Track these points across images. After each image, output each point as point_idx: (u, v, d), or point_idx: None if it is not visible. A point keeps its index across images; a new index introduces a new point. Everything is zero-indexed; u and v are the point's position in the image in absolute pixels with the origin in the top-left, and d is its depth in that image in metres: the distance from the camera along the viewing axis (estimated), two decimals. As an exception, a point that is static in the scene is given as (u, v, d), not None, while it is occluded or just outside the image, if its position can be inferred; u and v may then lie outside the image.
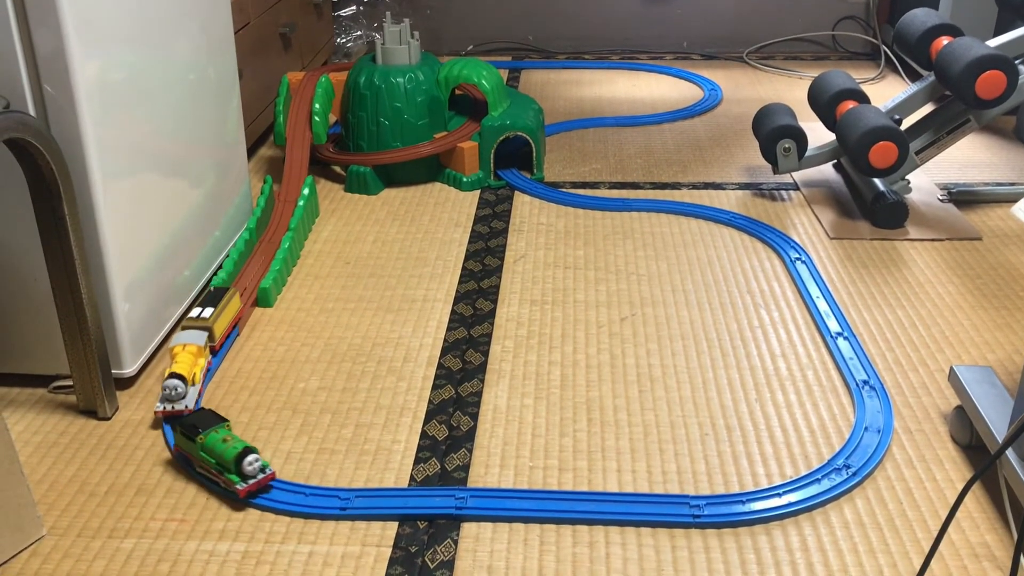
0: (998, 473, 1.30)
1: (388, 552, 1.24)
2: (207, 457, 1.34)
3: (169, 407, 1.47)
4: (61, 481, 1.37)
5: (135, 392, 1.57)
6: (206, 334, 1.60)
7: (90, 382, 1.47)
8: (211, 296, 1.67)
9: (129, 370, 1.56)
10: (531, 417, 1.51)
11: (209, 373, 1.61)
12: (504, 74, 3.34)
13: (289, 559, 1.23)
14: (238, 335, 1.73)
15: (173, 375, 1.48)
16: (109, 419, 1.50)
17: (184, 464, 1.39)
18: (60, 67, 1.36)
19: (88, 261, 1.45)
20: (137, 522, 1.29)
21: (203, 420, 1.37)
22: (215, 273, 1.87)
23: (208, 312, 1.60)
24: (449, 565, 1.22)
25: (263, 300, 1.82)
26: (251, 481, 1.31)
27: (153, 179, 1.63)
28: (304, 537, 1.27)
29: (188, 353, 1.54)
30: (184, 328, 1.60)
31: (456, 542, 1.26)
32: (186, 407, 1.47)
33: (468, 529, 1.28)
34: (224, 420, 1.37)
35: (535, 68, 3.43)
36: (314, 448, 1.44)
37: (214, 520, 1.30)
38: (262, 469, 1.33)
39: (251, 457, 1.32)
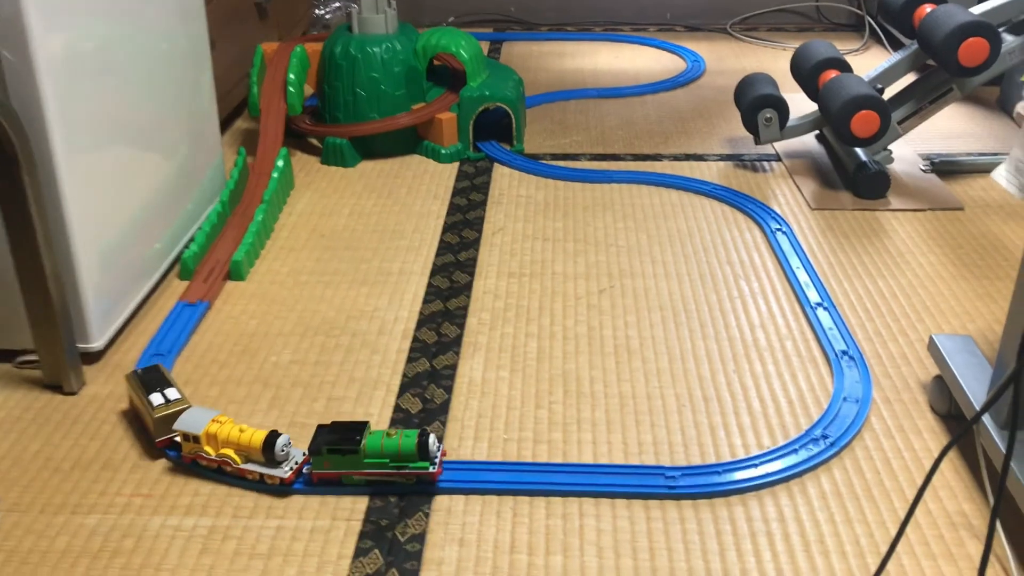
0: (975, 441, 1.29)
1: (358, 526, 1.22)
2: (377, 460, 1.25)
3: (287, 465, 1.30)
4: (25, 457, 1.34)
5: (103, 367, 1.54)
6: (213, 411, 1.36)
7: (55, 356, 1.44)
8: (148, 377, 1.41)
9: (96, 344, 1.53)
10: (506, 389, 1.49)
11: (176, 348, 1.58)
12: (485, 46, 3.30)
13: (257, 534, 1.21)
14: (209, 308, 1.70)
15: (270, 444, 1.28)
16: (76, 394, 1.47)
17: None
18: (17, 32, 1.32)
19: (52, 233, 1.41)
20: (102, 498, 1.26)
21: (342, 430, 1.27)
22: (187, 246, 1.84)
23: (173, 394, 1.37)
24: (420, 538, 1.20)
25: (235, 273, 1.79)
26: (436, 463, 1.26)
27: (121, 150, 1.60)
28: (272, 511, 1.25)
29: (226, 424, 1.31)
30: (188, 412, 1.34)
31: (428, 515, 1.24)
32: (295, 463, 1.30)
33: (440, 502, 1.26)
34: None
35: (517, 40, 3.38)
36: (285, 422, 1.41)
37: (181, 495, 1.27)
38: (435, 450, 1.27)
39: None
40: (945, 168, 2.25)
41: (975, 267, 1.83)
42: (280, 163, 2.09)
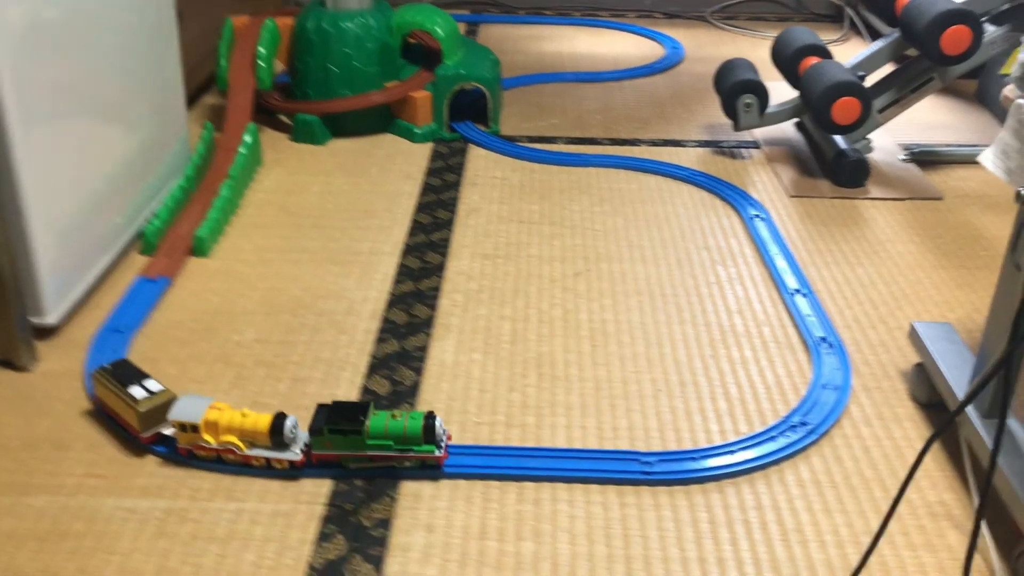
0: (958, 432, 1.26)
1: (321, 510, 1.17)
2: (381, 442, 1.20)
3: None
4: (-29, 434, 1.28)
5: (57, 342, 1.48)
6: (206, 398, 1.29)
7: (6, 330, 1.38)
8: (120, 371, 1.31)
9: (51, 319, 1.47)
10: (479, 372, 1.44)
11: (135, 324, 1.52)
12: (462, 28, 3.24)
13: (215, 517, 1.16)
14: (171, 284, 1.64)
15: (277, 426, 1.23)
16: (28, 370, 1.41)
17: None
18: (-31, -11, 1.25)
19: (3, 202, 1.34)
20: (51, 478, 1.20)
21: (345, 409, 1.21)
22: (149, 220, 1.77)
23: (155, 386, 1.28)
24: (386, 524, 1.15)
25: (198, 249, 1.73)
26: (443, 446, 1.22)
27: (81, 121, 1.53)
28: (232, 494, 1.19)
29: (226, 410, 1.24)
30: (181, 400, 1.27)
31: (394, 499, 1.19)
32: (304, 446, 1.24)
33: (407, 486, 1.21)
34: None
35: (494, 23, 3.33)
36: (247, 402, 1.36)
37: (136, 476, 1.22)
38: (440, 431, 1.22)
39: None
40: (924, 158, 2.23)
41: (954, 257, 1.81)
42: (248, 138, 2.03)
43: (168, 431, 1.25)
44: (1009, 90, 1.22)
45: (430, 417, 1.20)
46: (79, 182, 1.54)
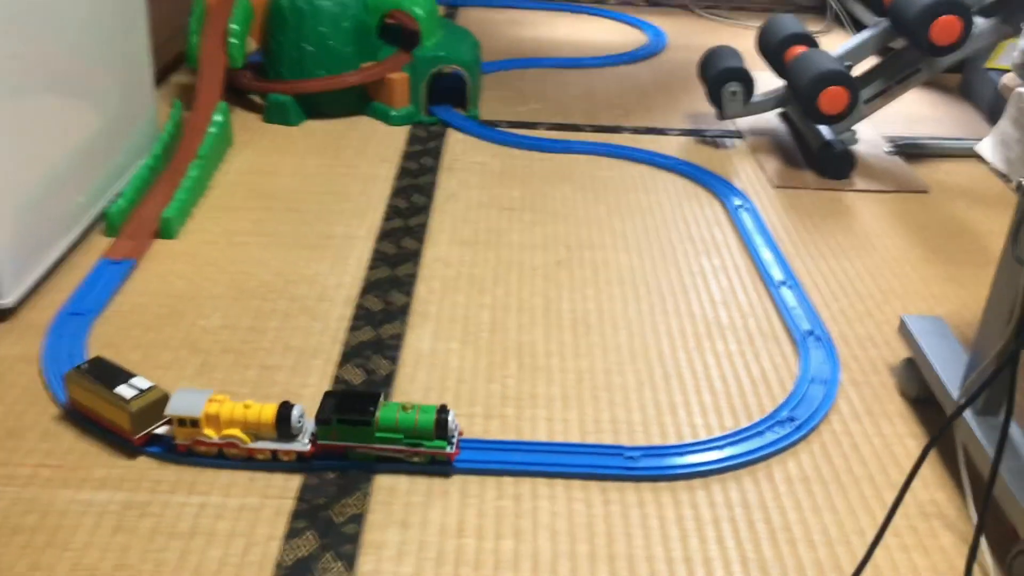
0: (952, 431, 1.22)
1: (291, 504, 1.11)
2: (391, 435, 1.14)
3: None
4: (-81, 422, 1.21)
5: (14, 325, 1.41)
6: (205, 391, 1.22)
7: (-42, 312, 1.31)
8: (99, 370, 1.23)
9: (7, 300, 1.40)
10: (457, 362, 1.39)
11: (97, 307, 1.45)
12: (441, 11, 3.17)
13: (177, 512, 1.10)
14: (135, 267, 1.57)
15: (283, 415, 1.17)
16: (-19, 354, 1.34)
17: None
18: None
19: (-44, 175, 1.27)
20: (2, 468, 1.14)
21: (355, 399, 1.16)
22: (114, 201, 1.70)
23: (144, 383, 1.20)
24: (359, 519, 1.10)
25: (165, 231, 1.66)
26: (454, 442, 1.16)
27: (41, 96, 1.46)
28: (196, 487, 1.13)
29: (226, 402, 1.18)
30: (177, 394, 1.19)
31: (368, 494, 1.14)
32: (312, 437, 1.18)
33: (381, 481, 1.16)
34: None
35: (473, 7, 3.26)
36: (214, 390, 1.29)
37: (94, 467, 1.15)
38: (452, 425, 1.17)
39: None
40: (909, 151, 2.20)
41: (941, 251, 1.78)
42: (218, 118, 1.96)
43: (161, 430, 1.18)
44: (1008, 78, 1.18)
45: (443, 411, 1.15)
46: (38, 159, 1.46)
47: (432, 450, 1.15)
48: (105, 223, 1.67)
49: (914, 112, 2.47)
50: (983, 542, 1.10)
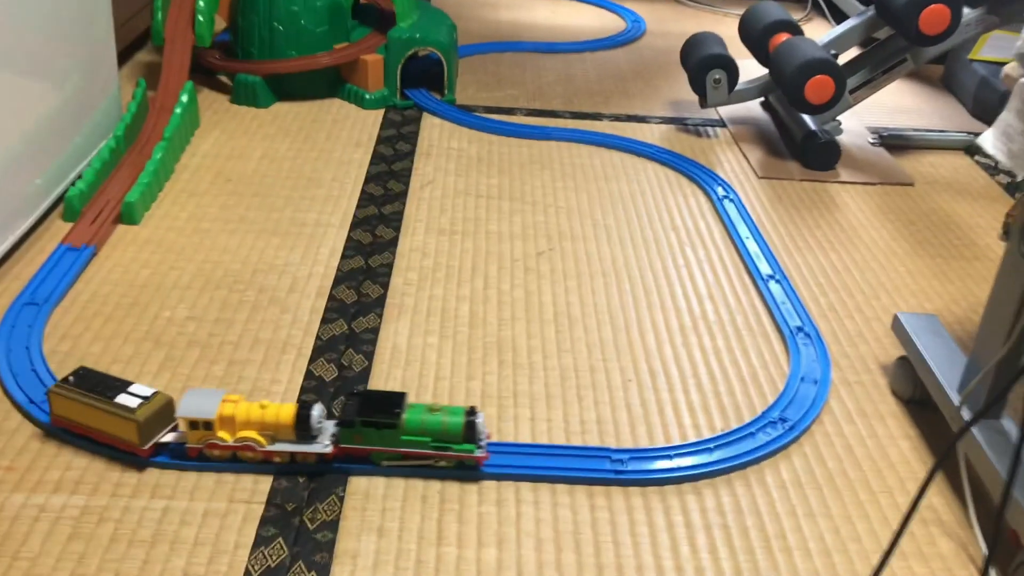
0: (956, 447, 1.19)
1: (260, 510, 1.05)
2: (417, 438, 1.09)
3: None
4: None
5: (-36, 316, 1.33)
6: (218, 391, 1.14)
7: (-98, 302, 1.23)
8: (89, 382, 1.13)
9: (-44, 290, 1.31)
10: (435, 357, 1.33)
11: (55, 296, 1.37)
12: (415, -8, 3.09)
13: (139, 516, 1.03)
14: (96, 253, 1.49)
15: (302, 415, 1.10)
16: (-72, 347, 1.26)
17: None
18: None
19: (-100, 155, 1.19)
20: (-50, 471, 1.06)
21: (379, 400, 1.10)
22: (73, 183, 1.61)
23: (144, 390, 1.12)
24: (332, 526, 1.04)
25: (127, 216, 1.58)
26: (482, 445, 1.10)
27: (-8, 66, 1.37)
28: (159, 491, 1.07)
29: (241, 402, 1.11)
30: (188, 395, 1.11)
31: (342, 499, 1.07)
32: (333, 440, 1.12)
33: (356, 484, 1.10)
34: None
35: (449, -12, 3.19)
36: (178, 386, 1.23)
37: (49, 469, 1.08)
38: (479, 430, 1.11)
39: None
40: (893, 142, 2.17)
41: (929, 245, 1.74)
42: (184, 98, 1.88)
43: (168, 437, 1.11)
44: (1011, 68, 1.14)
45: (472, 413, 1.10)
46: (-8, 138, 1.38)
47: (460, 454, 1.09)
48: (64, 207, 1.58)
49: (896, 103, 2.43)
50: (984, 551, 1.06)
